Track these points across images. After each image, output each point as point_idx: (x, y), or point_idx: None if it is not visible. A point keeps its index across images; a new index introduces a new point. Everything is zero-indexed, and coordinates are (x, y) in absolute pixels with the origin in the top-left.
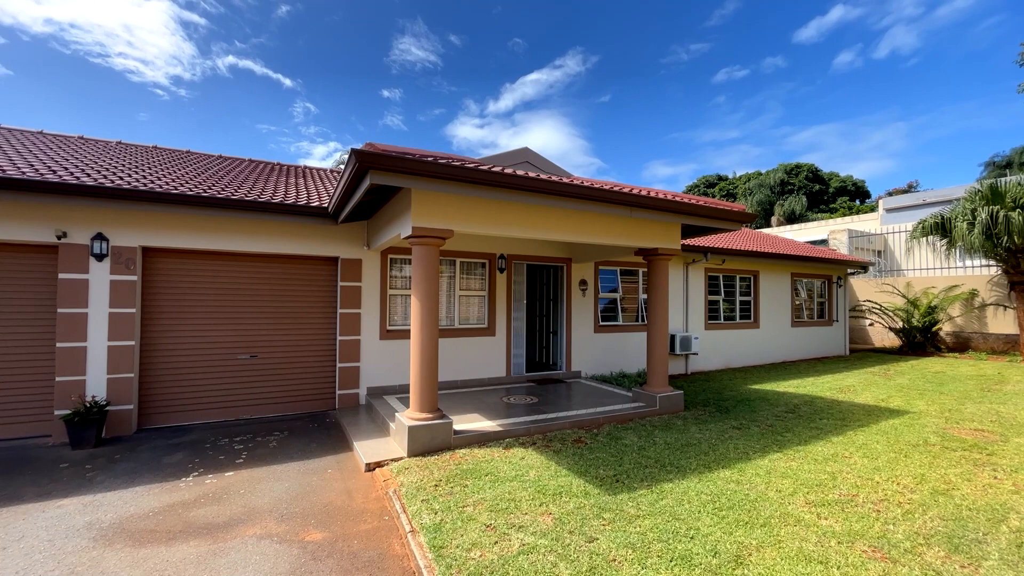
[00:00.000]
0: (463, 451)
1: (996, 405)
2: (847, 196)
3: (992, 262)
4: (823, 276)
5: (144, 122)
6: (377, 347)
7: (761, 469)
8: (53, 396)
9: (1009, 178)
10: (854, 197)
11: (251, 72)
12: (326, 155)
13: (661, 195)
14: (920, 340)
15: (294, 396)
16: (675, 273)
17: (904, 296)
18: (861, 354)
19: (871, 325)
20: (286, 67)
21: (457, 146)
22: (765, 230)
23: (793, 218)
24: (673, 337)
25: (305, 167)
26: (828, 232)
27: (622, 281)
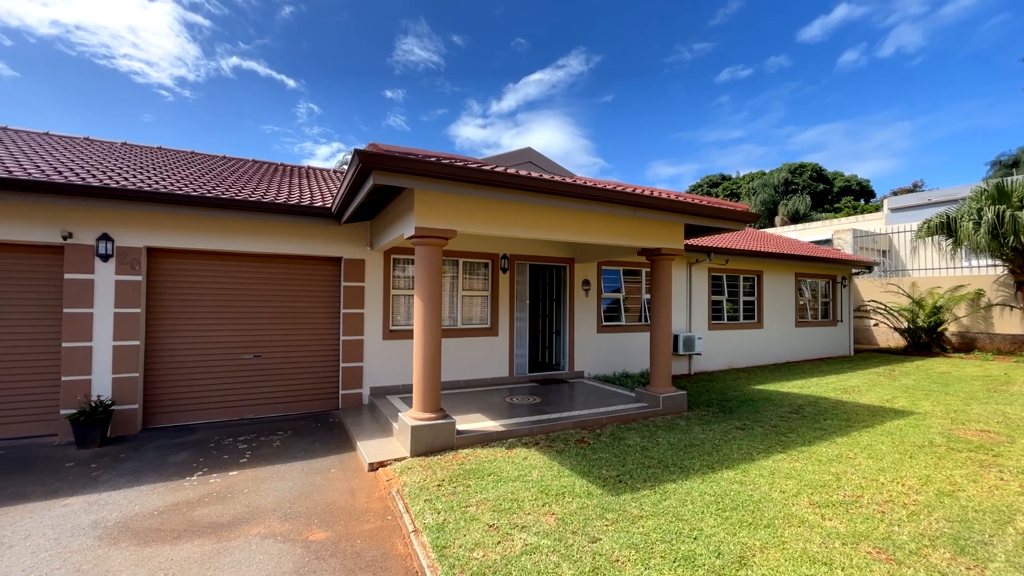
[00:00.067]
0: (466, 451)
1: (1002, 406)
2: (851, 196)
3: (998, 262)
4: (827, 276)
5: (149, 123)
6: (380, 347)
7: (765, 470)
8: (59, 396)
9: (1015, 177)
10: (859, 197)
11: (255, 73)
12: (329, 155)
13: (664, 195)
14: (925, 340)
15: (297, 396)
16: (678, 273)
17: (909, 296)
18: (866, 354)
19: (876, 325)
20: (289, 68)
21: (460, 146)
22: (769, 230)
23: (797, 218)
24: (676, 337)
25: (308, 167)
26: (832, 232)
27: (625, 281)
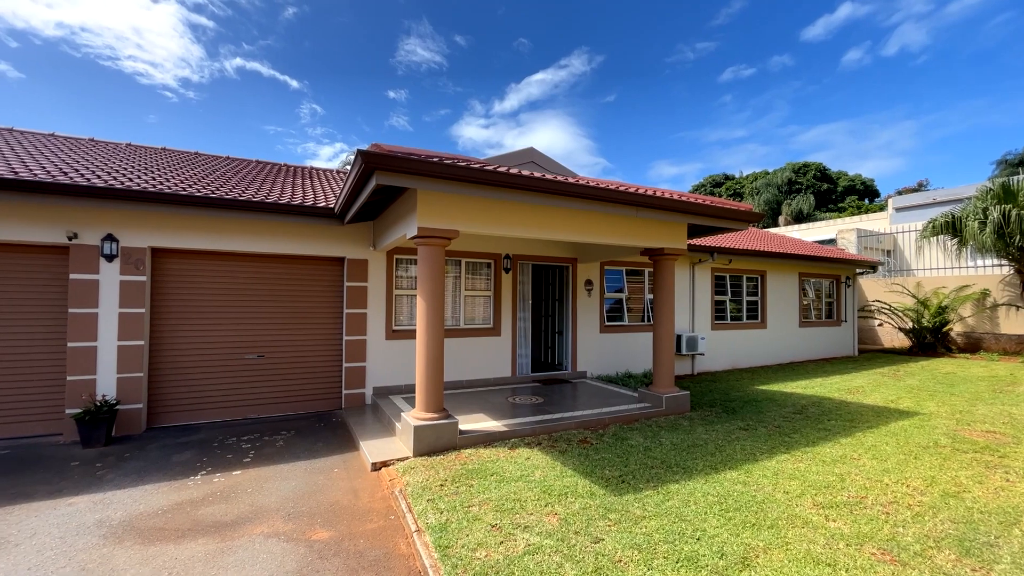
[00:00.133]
0: (468, 451)
1: (1008, 407)
2: (856, 195)
3: (1004, 262)
4: (831, 276)
5: (153, 124)
6: (383, 347)
7: (768, 470)
8: (64, 395)
9: (1022, 176)
10: (863, 196)
11: (258, 74)
12: (332, 156)
13: (667, 195)
14: (930, 340)
15: (301, 396)
16: (681, 273)
17: (914, 296)
18: (870, 355)
19: (880, 325)
20: (293, 68)
21: (463, 146)
22: (772, 230)
23: (801, 217)
24: (679, 337)
25: (311, 168)
26: (836, 231)
27: (628, 281)
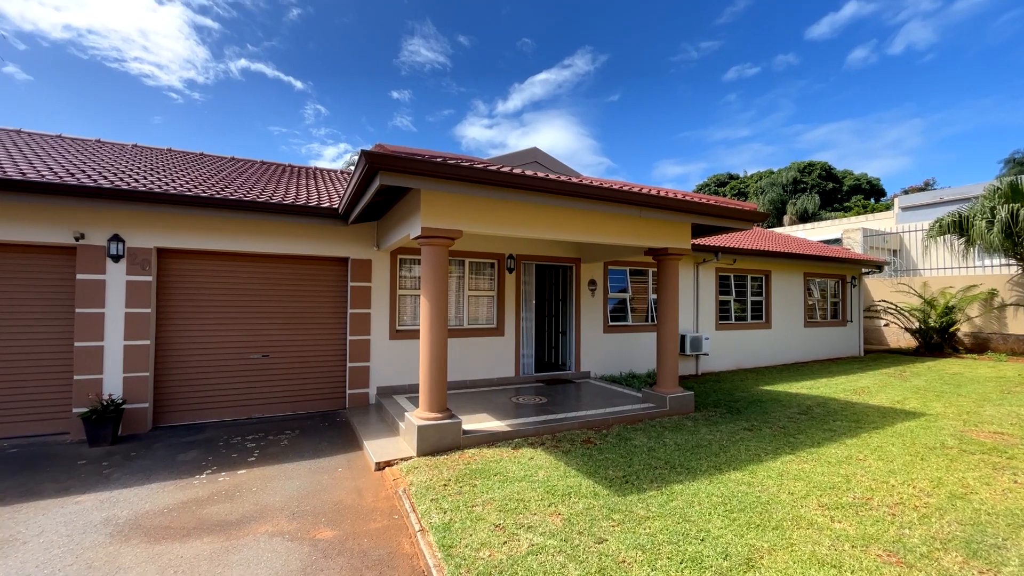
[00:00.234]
0: (472, 451)
1: (1017, 407)
2: (861, 195)
3: (1012, 261)
4: (837, 276)
5: (159, 125)
6: (387, 347)
7: (773, 471)
8: (71, 394)
9: None
10: (869, 195)
11: (263, 75)
12: (336, 156)
13: (671, 194)
14: (937, 341)
15: (305, 395)
16: (685, 273)
17: (920, 296)
18: (876, 355)
19: (886, 326)
20: (297, 70)
21: (466, 147)
22: (777, 229)
23: (806, 217)
24: (683, 337)
25: (316, 168)
26: (842, 231)
27: (632, 281)
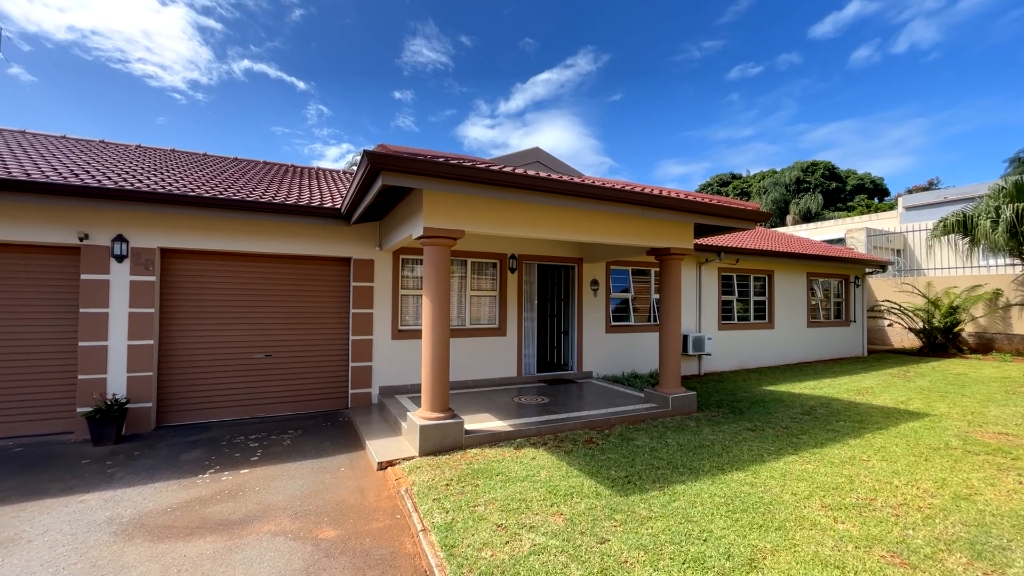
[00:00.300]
0: (474, 451)
1: (1021, 408)
2: (865, 194)
3: (1017, 261)
4: (840, 276)
5: (162, 126)
6: (389, 347)
7: (776, 471)
8: (75, 394)
9: None
10: (872, 195)
11: (266, 75)
12: (339, 156)
13: (673, 194)
14: (941, 341)
15: (307, 395)
16: (688, 273)
17: (924, 296)
18: (880, 355)
19: (890, 326)
20: (300, 70)
21: (468, 147)
22: (780, 229)
23: (809, 217)
24: (686, 337)
25: (318, 169)
26: (845, 231)
27: (634, 281)
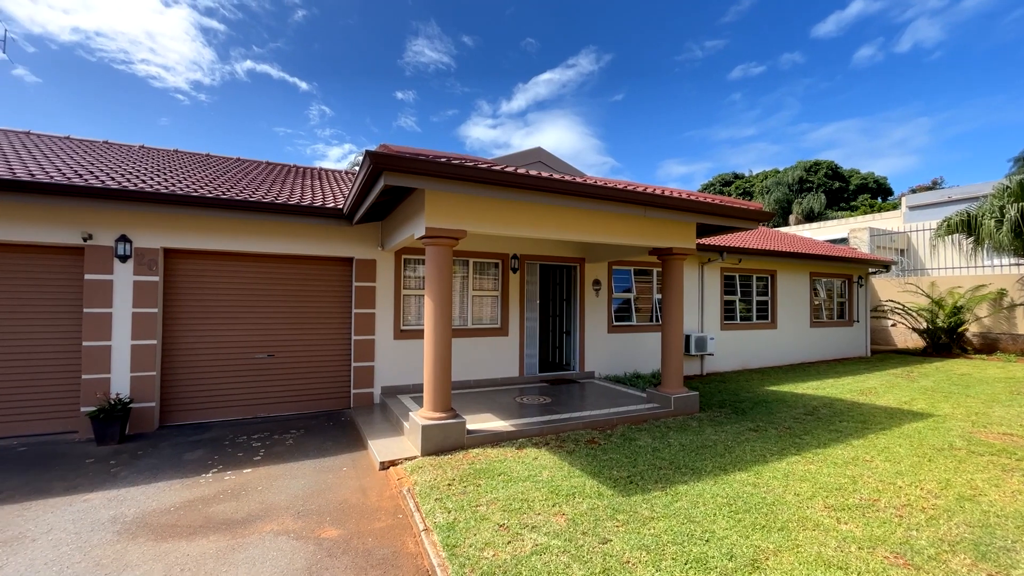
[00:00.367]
0: (476, 451)
1: None
2: (868, 194)
3: (1022, 261)
4: (843, 275)
5: (166, 126)
6: (391, 347)
7: (779, 472)
8: (79, 394)
9: None
10: (876, 195)
11: (268, 76)
12: (341, 157)
13: (675, 194)
14: (945, 341)
15: (310, 395)
16: (690, 272)
17: (928, 296)
18: (883, 355)
19: (894, 326)
20: (302, 71)
21: (470, 147)
22: (783, 229)
23: (812, 216)
24: (688, 337)
25: (320, 169)
26: (849, 230)
27: (636, 281)
